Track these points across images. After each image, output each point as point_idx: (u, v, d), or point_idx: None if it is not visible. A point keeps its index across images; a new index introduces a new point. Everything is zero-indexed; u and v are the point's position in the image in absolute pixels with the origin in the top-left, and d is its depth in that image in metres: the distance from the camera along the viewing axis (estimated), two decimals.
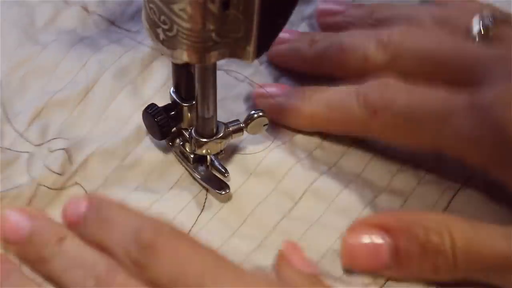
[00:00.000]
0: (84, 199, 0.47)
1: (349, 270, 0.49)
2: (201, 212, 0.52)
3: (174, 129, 0.53)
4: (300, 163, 0.54)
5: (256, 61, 0.57)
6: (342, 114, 0.53)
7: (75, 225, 0.46)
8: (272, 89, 0.56)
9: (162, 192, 0.53)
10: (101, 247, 0.45)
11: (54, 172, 0.52)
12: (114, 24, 0.61)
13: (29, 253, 0.46)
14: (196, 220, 0.52)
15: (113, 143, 0.54)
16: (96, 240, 0.45)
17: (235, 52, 0.45)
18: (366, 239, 0.48)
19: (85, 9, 0.61)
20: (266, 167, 0.54)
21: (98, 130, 0.55)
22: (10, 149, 0.54)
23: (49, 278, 0.45)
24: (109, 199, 0.47)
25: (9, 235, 0.46)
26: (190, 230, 0.51)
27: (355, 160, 0.54)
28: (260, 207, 0.52)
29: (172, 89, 0.52)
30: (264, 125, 0.53)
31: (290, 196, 0.52)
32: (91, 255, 0.44)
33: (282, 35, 0.54)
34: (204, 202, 0.52)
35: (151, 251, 0.43)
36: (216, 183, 0.53)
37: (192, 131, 0.52)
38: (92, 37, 0.60)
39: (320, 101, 0.54)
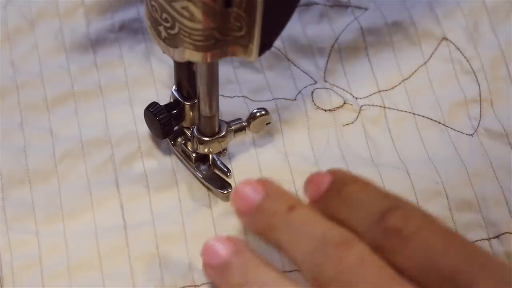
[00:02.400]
0: (327, 174, 0.44)
1: None
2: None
3: (176, 127, 0.53)
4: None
5: None
6: None
7: (315, 200, 0.44)
8: None
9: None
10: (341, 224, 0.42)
11: None
12: None
13: (259, 222, 0.44)
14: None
15: None
16: (335, 217, 0.42)
17: (238, 50, 0.45)
18: None
19: None
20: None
21: None
22: None
23: (277, 247, 0.43)
24: (353, 176, 0.44)
25: (240, 206, 0.44)
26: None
27: None
28: None
29: (174, 87, 0.52)
30: (266, 124, 0.53)
31: None
32: (323, 225, 0.41)
33: None
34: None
35: (399, 237, 0.40)
36: (218, 182, 0.52)
37: (194, 129, 0.52)
38: None
39: None
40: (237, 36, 0.44)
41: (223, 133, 0.51)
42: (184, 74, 0.50)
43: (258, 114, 0.53)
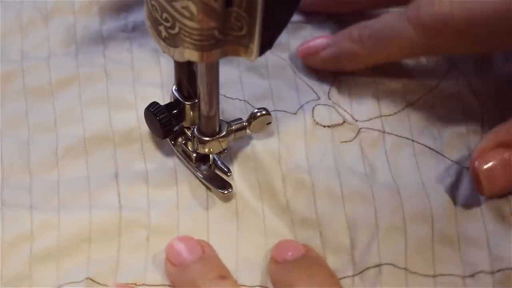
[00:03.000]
0: (301, 246, 0.50)
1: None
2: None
3: (177, 127, 0.53)
4: None
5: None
6: (397, 44, 0.54)
7: (278, 261, 0.49)
8: (315, 43, 0.58)
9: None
10: None
11: None
12: None
13: (185, 277, 0.47)
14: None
15: None
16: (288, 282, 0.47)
17: (238, 50, 0.45)
18: (496, 160, 0.51)
19: None
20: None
21: None
22: None
23: None
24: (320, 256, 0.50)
25: (172, 258, 0.49)
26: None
27: None
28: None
29: (174, 87, 0.52)
30: (267, 124, 0.53)
31: None
32: None
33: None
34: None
35: None
36: (218, 182, 0.52)
37: (195, 129, 0.52)
38: None
39: (370, 38, 0.55)
40: (238, 35, 0.44)
41: (224, 133, 0.51)
42: (185, 73, 0.50)
43: (258, 114, 0.53)
